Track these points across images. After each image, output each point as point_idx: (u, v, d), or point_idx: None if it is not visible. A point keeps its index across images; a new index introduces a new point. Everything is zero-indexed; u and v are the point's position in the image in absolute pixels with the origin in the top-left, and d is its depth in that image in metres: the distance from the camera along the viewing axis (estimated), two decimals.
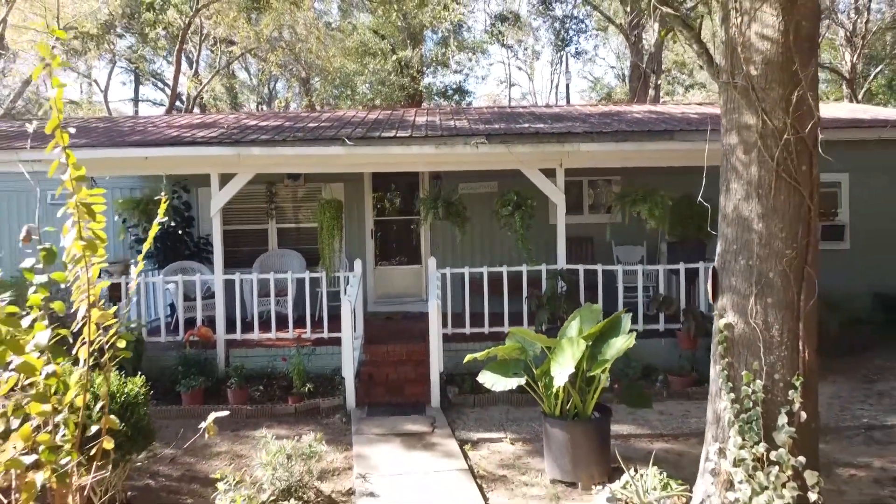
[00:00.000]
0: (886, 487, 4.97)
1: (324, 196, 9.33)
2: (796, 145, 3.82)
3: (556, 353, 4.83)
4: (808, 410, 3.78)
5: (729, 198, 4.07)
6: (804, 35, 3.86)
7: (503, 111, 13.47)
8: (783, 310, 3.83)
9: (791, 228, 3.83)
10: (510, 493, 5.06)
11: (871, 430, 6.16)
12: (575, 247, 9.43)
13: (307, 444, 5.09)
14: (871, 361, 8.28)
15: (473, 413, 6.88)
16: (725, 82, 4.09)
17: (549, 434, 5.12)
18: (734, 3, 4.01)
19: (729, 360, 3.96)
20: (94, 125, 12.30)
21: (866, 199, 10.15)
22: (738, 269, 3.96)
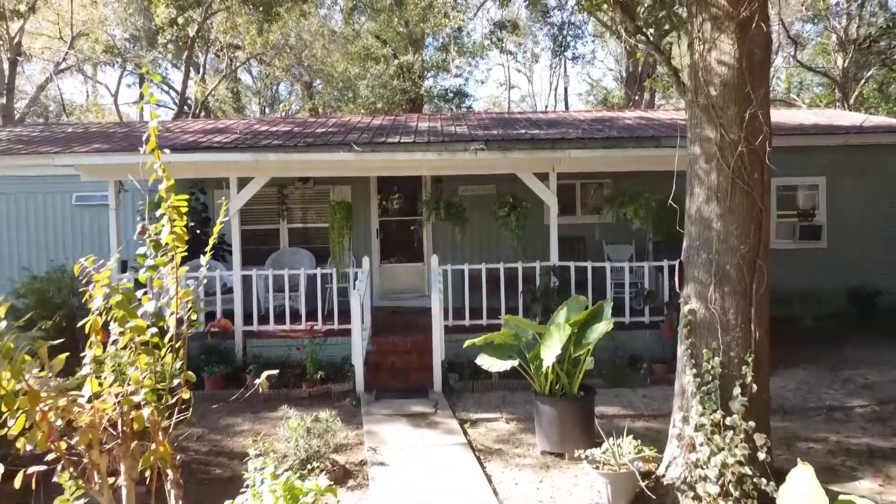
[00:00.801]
0: (838, 457, 5.60)
1: (334, 198, 9.97)
2: (749, 156, 4.45)
3: (546, 338, 5.45)
4: (758, 383, 4.41)
5: (693, 200, 4.70)
6: (756, 61, 4.49)
7: (501, 117, 14.12)
8: (738, 297, 4.45)
9: (745, 227, 4.46)
10: (505, 462, 5.69)
11: (833, 410, 6.79)
12: (568, 245, 10.04)
13: (324, 420, 5.71)
14: (841, 352, 8.90)
15: (472, 397, 7.51)
16: (690, 101, 4.72)
17: (539, 411, 5.75)
18: (697, 32, 4.64)
19: (692, 341, 4.59)
20: (112, 130, 12.94)
21: (843, 202, 10.79)
22: (701, 262, 4.59)
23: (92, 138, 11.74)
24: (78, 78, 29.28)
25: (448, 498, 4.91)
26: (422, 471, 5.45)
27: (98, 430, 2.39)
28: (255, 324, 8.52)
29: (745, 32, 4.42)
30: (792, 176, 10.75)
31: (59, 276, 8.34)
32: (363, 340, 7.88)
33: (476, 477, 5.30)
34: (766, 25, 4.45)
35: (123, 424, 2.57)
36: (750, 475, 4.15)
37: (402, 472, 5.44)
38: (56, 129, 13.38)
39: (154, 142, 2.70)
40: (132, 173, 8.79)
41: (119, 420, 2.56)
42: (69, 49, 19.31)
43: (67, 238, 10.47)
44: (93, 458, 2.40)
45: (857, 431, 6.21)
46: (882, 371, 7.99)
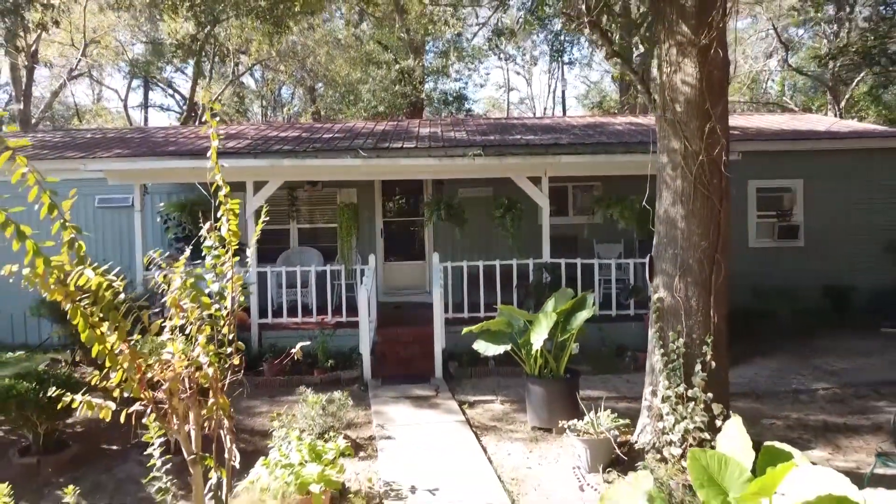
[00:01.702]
0: (797, 431, 6.29)
1: (341, 200, 10.65)
2: (709, 164, 5.13)
3: (535, 325, 6.14)
4: (717, 361, 5.09)
5: (661, 203, 5.38)
6: (715, 82, 5.18)
7: (498, 122, 14.79)
8: (699, 287, 5.14)
9: (705, 227, 5.14)
10: (499, 437, 6.37)
11: (798, 393, 7.48)
12: (561, 244, 10.69)
13: (337, 399, 6.40)
14: (813, 343, 9.59)
15: (470, 382, 8.20)
16: (659, 115, 5.40)
17: (529, 391, 6.44)
18: (665, 56, 5.33)
19: (660, 325, 5.27)
20: (129, 136, 13.63)
21: (819, 203, 11.47)
22: (668, 257, 5.27)
23: (111, 144, 12.42)
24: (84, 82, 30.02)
25: (448, 466, 5.59)
26: (424, 444, 6.13)
27: (176, 384, 3.06)
28: (270, 317, 9.21)
29: (705, 57, 5.10)
30: (771, 178, 11.44)
31: None
32: (370, 332, 8.56)
33: (473, 449, 5.98)
34: (723, 51, 5.14)
35: (191, 381, 3.25)
36: (708, 439, 4.83)
37: (407, 444, 6.12)
38: (76, 134, 14.05)
39: (215, 157, 3.38)
40: (157, 177, 9.50)
41: (188, 377, 3.24)
42: (82, 56, 19.98)
43: (91, 238, 11.15)
44: (173, 405, 3.08)
45: (817, 410, 6.90)
46: (848, 360, 8.67)
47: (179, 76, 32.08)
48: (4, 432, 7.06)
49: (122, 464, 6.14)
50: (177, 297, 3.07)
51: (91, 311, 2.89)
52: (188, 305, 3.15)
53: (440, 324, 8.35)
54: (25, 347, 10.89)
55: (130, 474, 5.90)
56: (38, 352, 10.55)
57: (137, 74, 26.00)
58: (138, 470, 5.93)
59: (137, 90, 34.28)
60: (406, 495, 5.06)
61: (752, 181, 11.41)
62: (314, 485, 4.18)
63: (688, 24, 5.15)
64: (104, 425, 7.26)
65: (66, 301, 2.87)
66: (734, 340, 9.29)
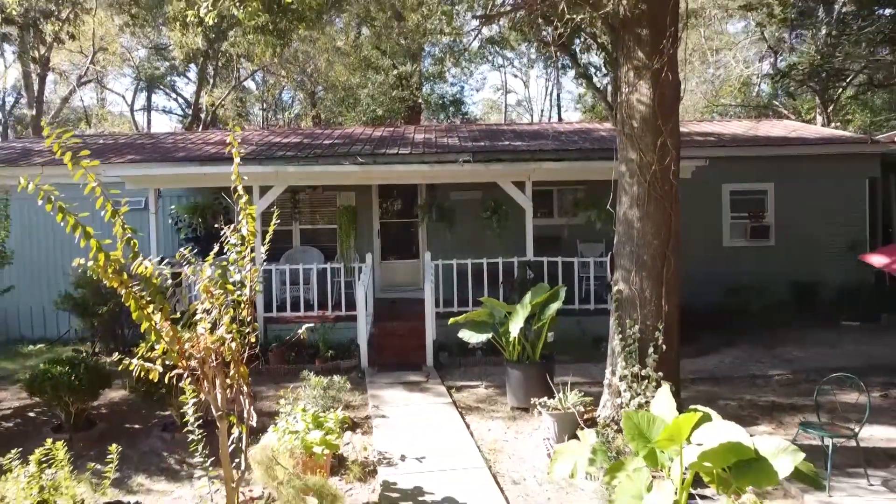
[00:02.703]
0: (746, 410, 7.04)
1: (341, 203, 11.39)
2: (661, 173, 5.87)
3: (513, 315, 6.88)
4: (667, 344, 5.83)
5: (621, 206, 6.13)
6: (667, 101, 5.92)
7: (490, 128, 15.54)
8: (652, 280, 5.88)
9: (657, 227, 5.89)
10: (482, 416, 7.12)
11: (755, 378, 8.22)
12: (546, 244, 11.42)
13: (337, 382, 7.14)
14: (777, 334, 10.34)
15: (459, 370, 8.94)
16: (619, 130, 6.15)
17: (509, 374, 7.19)
18: (624, 78, 6.07)
19: (619, 314, 6.02)
20: (140, 142, 14.37)
21: (789, 204, 12.21)
22: (626, 254, 6.02)
23: (124, 149, 13.15)
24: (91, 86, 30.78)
25: (434, 439, 6.33)
26: (414, 422, 6.87)
27: (209, 354, 3.81)
28: (274, 311, 9.95)
29: (657, 79, 5.85)
30: (744, 182, 12.19)
31: None
32: (367, 325, 9.30)
33: (458, 425, 6.73)
34: (673, 74, 5.88)
35: (218, 353, 3.99)
36: None
37: (399, 422, 6.87)
38: (90, 140, 14.78)
39: (237, 171, 4.11)
40: (170, 182, 10.25)
41: (215, 350, 3.98)
42: (90, 64, 20.72)
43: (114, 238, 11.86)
44: (205, 371, 3.82)
45: (769, 393, 7.65)
46: (806, 349, 9.42)
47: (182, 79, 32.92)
48: (36, 414, 7.80)
49: (145, 440, 6.86)
50: (208, 285, 3.81)
51: (140, 296, 3.63)
52: (217, 292, 3.89)
53: (431, 317, 9.09)
54: (44, 341, 11.66)
55: (152, 448, 6.64)
56: (57, 344, 11.32)
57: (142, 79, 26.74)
58: (159, 444, 6.68)
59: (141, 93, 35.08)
60: (396, 462, 5.81)
61: (725, 185, 12.16)
62: (316, 447, 4.93)
63: (643, 50, 5.89)
64: (125, 407, 8.03)
65: (120, 287, 3.61)
66: (705, 333, 10.17)
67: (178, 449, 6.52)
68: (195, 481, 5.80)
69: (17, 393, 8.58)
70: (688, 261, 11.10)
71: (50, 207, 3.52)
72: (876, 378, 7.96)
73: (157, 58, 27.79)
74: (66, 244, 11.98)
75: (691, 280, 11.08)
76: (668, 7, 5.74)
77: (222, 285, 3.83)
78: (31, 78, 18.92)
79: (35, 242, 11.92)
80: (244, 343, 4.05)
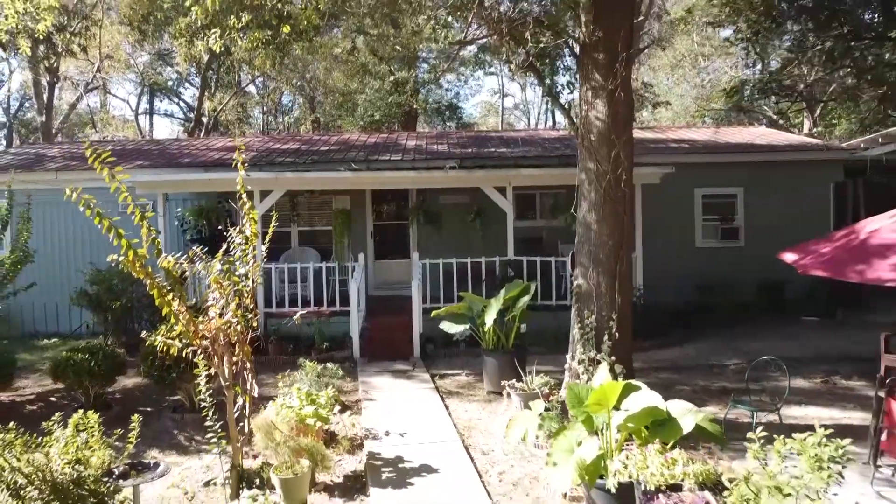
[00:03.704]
0: (699, 394, 7.80)
1: (336, 206, 12.17)
2: (615, 181, 6.64)
3: (488, 308, 7.66)
4: (620, 333, 6.59)
5: (581, 210, 6.90)
6: (621, 118, 6.69)
7: (479, 135, 16.34)
8: (607, 275, 6.65)
9: (612, 229, 6.66)
10: (461, 399, 7.89)
11: (713, 367, 8.99)
12: (529, 244, 12.21)
13: (330, 368, 7.90)
14: (741, 328, 11.11)
15: (443, 360, 9.71)
16: (579, 142, 6.92)
17: (485, 362, 7.95)
18: (584, 97, 6.85)
19: (578, 305, 6.79)
20: (147, 148, 15.15)
21: (757, 208, 12.98)
22: (584, 252, 6.79)
23: (132, 155, 13.92)
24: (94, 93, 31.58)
25: (416, 418, 7.10)
26: (399, 404, 7.64)
27: (219, 335, 4.58)
28: (274, 307, 10.72)
29: (612, 98, 6.62)
30: (715, 186, 12.96)
31: (119, 270, 10.51)
32: (359, 320, 10.07)
33: (438, 407, 7.50)
34: (625, 94, 6.65)
35: (226, 335, 4.77)
36: None
37: (385, 405, 7.64)
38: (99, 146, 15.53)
39: (241, 182, 4.89)
40: (178, 188, 11.02)
41: (223, 332, 4.75)
42: (97, 72, 21.50)
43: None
44: (215, 349, 4.60)
45: (722, 379, 8.42)
46: (765, 342, 10.18)
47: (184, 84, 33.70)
48: (57, 398, 8.57)
49: (157, 421, 7.62)
50: (217, 277, 4.58)
51: (162, 286, 4.40)
52: (225, 283, 4.67)
53: (418, 312, 9.86)
54: (57, 336, 12.43)
55: (164, 427, 7.40)
56: (69, 339, 12.08)
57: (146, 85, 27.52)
58: (170, 424, 7.45)
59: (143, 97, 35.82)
60: (381, 437, 6.58)
61: (698, 189, 12.93)
62: (310, 419, 5.69)
63: (600, 73, 6.67)
64: (138, 393, 8.80)
65: (146, 278, 4.38)
66: (676, 328, 10.96)
67: (187, 428, 7.29)
68: (203, 455, 6.58)
69: (38, 380, 9.36)
70: (662, 260, 11.99)
71: (89, 213, 4.29)
72: (821, 366, 8.75)
73: (160, 63, 28.60)
74: (78, 245, 12.77)
75: (665, 278, 11.92)
76: (619, 35, 6.51)
77: (229, 277, 4.60)
78: (41, 86, 19.71)
79: (48, 243, 12.68)
80: (247, 326, 4.83)
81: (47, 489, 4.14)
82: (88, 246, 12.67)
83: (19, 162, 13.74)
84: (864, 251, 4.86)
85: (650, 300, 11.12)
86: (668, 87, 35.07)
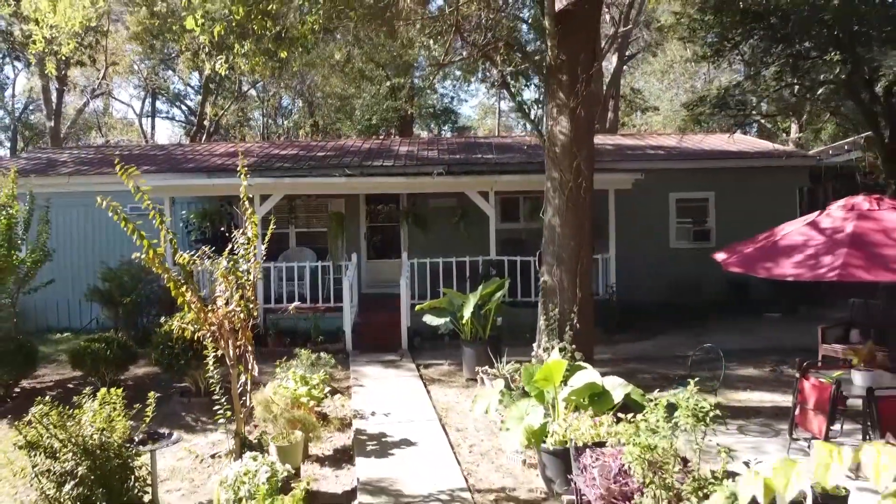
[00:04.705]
0: (658, 381, 8.61)
1: (332, 209, 12.98)
2: (576, 189, 7.44)
3: (466, 302, 8.47)
4: (581, 323, 7.39)
5: (547, 214, 7.71)
6: (581, 133, 7.50)
7: (468, 141, 17.15)
8: (569, 273, 7.45)
9: (573, 231, 7.46)
10: (442, 385, 8.70)
11: (676, 357, 9.79)
12: (512, 245, 13.00)
13: (324, 357, 8.70)
14: (708, 324, 11.92)
15: (428, 352, 10.52)
16: (546, 153, 7.73)
17: (464, 352, 8.76)
18: (549, 113, 7.66)
19: (544, 300, 7.59)
20: (152, 153, 15.96)
21: (728, 211, 13.79)
22: (549, 252, 7.60)
23: (139, 160, 14.72)
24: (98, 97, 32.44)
25: (400, 401, 7.91)
26: (386, 390, 8.45)
27: (225, 321, 5.38)
28: (273, 303, 11.52)
29: (574, 115, 7.43)
30: (688, 191, 13.78)
31: (128, 268, 11.33)
32: (351, 315, 10.88)
33: (421, 392, 8.31)
34: (586, 111, 7.46)
35: (230, 322, 5.56)
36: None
37: (373, 390, 8.45)
38: (107, 151, 16.38)
39: (244, 190, 5.69)
40: (184, 192, 11.83)
41: (228, 319, 5.55)
42: (102, 79, 22.34)
43: (126, 240, 13.45)
44: (221, 333, 5.40)
45: (681, 369, 9.21)
46: (727, 335, 10.99)
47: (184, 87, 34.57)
48: (74, 385, 9.37)
49: (166, 404, 8.41)
50: (224, 272, 5.39)
51: (177, 279, 5.20)
52: (230, 277, 5.47)
53: (406, 307, 10.67)
54: (69, 330, 13.24)
55: (173, 410, 8.20)
56: (80, 333, 12.89)
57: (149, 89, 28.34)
58: (178, 407, 8.25)
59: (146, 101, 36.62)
60: (368, 417, 7.39)
61: (672, 193, 13.74)
62: (304, 398, 6.50)
63: (563, 92, 7.47)
64: (148, 380, 9.60)
65: (163, 272, 5.18)
66: (648, 323, 11.79)
67: (193, 410, 8.10)
68: (208, 433, 7.39)
69: (55, 370, 10.17)
70: (637, 260, 12.81)
71: (116, 218, 5.08)
72: (772, 356, 9.56)
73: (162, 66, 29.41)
74: (87, 244, 13.58)
75: (640, 277, 12.75)
76: (580, 59, 7.32)
77: (234, 272, 5.40)
78: (49, 92, 20.54)
79: (59, 242, 13.48)
80: (249, 315, 5.63)
81: (79, 452, 4.95)
82: (97, 246, 13.49)
83: (32, 167, 14.55)
84: (775, 251, 5.66)
85: (626, 297, 11.93)
86: (660, 91, 35.91)
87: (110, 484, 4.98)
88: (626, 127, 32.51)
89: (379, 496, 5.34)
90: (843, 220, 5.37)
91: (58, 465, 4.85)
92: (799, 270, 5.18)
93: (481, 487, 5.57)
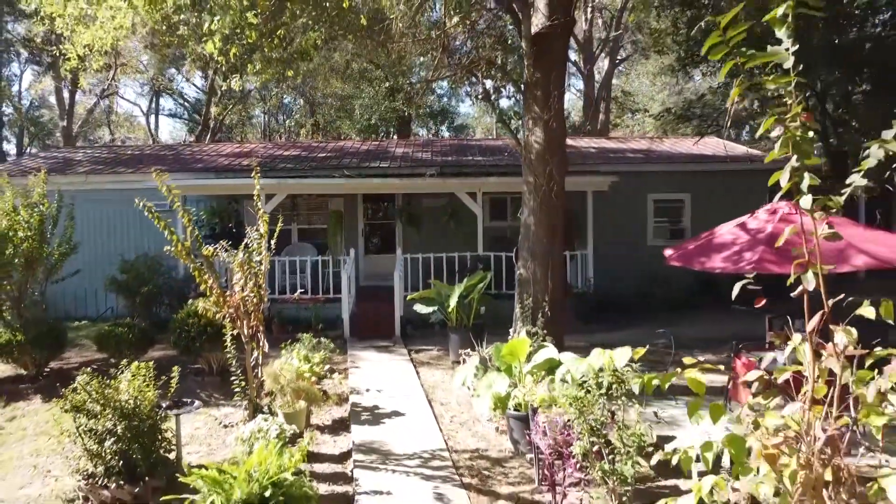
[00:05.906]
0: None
1: (332, 207, 13.92)
2: (548, 192, 8.39)
3: (452, 293, 9.43)
4: (552, 311, 8.34)
5: (523, 214, 8.66)
6: (555, 142, 8.44)
7: (461, 143, 18.09)
8: (542, 266, 8.41)
9: (546, 230, 8.41)
10: (430, 367, 9.66)
11: (645, 345, 10.73)
12: (499, 241, 13.92)
13: (324, 342, 9.66)
14: (679, 316, 12.87)
15: (419, 339, 11.48)
16: (523, 160, 8.68)
17: (450, 337, 9.73)
18: (526, 124, 8.60)
19: (520, 290, 8.55)
20: (162, 153, 16.90)
21: (702, 212, 14.72)
22: (525, 247, 8.55)
23: (149, 160, 15.66)
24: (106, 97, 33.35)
25: (392, 381, 8.87)
26: (380, 371, 9.41)
27: (240, 305, 6.33)
28: (276, 294, 12.48)
29: (547, 127, 8.37)
30: (666, 192, 14.72)
31: (145, 261, 12.27)
32: (349, 305, 11.84)
33: (410, 373, 9.27)
34: (558, 123, 8.39)
35: (245, 305, 6.52)
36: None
37: (368, 371, 9.41)
38: (119, 151, 17.33)
39: (257, 195, 6.64)
40: (196, 191, 12.77)
41: (243, 303, 6.51)
42: (111, 80, 23.25)
43: (140, 235, 14.41)
44: (238, 314, 6.35)
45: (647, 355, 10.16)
46: (694, 326, 11.95)
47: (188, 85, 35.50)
48: (98, 366, 10.31)
49: (182, 383, 9.23)
50: (241, 262, 6.34)
51: (201, 269, 6.15)
52: (245, 267, 6.41)
53: (399, 298, 11.63)
54: (87, 319, 14.18)
55: (189, 388, 9.14)
56: (98, 322, 13.84)
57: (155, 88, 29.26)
58: (193, 385, 9.19)
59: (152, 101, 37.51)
60: (363, 392, 8.36)
61: (650, 194, 14.69)
62: (306, 373, 7.46)
63: (538, 106, 8.41)
64: (165, 363, 10.53)
65: (188, 262, 6.13)
66: (625, 315, 12.73)
67: (207, 388, 9.05)
68: (221, 408, 8.35)
69: (79, 353, 11.12)
70: (617, 256, 13.78)
71: (150, 216, 6.01)
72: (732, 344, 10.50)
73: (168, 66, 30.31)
74: (102, 237, 14.52)
75: (620, 272, 13.70)
76: (552, 77, 8.25)
77: (249, 263, 6.35)
78: (62, 93, 21.42)
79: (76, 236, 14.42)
80: (261, 299, 6.58)
81: (117, 414, 5.91)
82: (111, 240, 14.44)
83: (50, 165, 15.47)
84: (709, 247, 6.60)
85: (605, 291, 12.89)
86: (654, 93, 36.83)
87: (143, 442, 5.94)
88: (618, 128, 33.45)
89: (371, 454, 6.30)
90: (765, 222, 6.31)
91: (99, 425, 5.79)
92: (725, 264, 6.12)
93: (458, 448, 6.54)
